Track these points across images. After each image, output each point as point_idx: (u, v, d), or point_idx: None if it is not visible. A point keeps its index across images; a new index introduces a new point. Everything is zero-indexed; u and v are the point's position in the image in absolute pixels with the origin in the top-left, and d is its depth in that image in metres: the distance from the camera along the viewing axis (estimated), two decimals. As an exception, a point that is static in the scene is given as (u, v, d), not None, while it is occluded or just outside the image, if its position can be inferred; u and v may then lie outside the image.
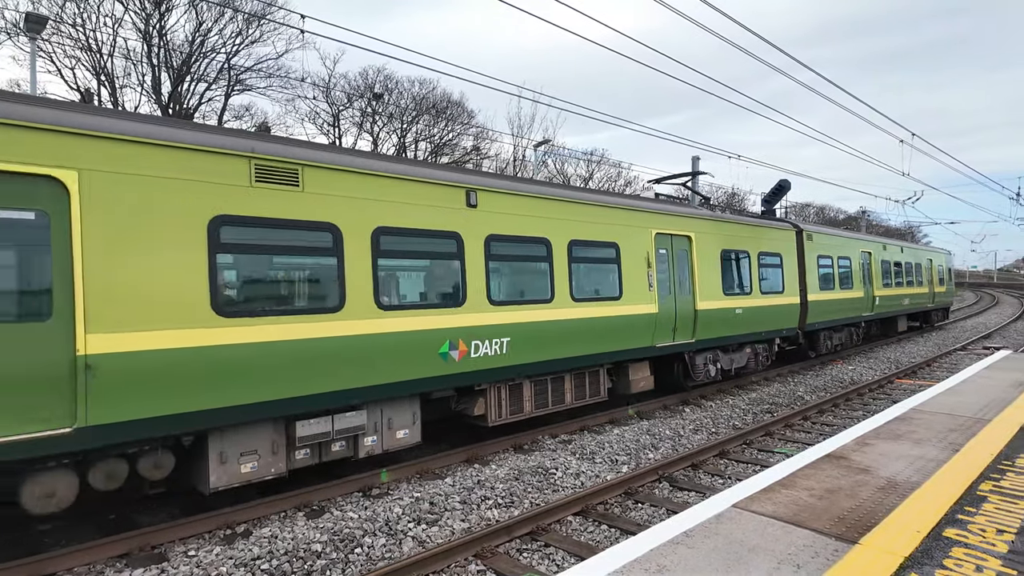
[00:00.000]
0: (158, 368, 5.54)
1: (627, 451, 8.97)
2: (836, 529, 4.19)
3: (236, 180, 6.22)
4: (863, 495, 4.86)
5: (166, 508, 6.84)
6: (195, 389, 5.77)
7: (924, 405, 8.27)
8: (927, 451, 6.06)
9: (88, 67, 25.73)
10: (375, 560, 5.61)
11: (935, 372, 16.40)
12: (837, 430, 10.14)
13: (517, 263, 9.16)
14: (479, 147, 39.09)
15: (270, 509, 6.63)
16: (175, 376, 5.64)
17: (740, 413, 11.62)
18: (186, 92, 28.59)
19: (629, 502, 7.14)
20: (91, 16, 24.91)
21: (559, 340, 9.39)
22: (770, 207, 19.52)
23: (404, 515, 6.49)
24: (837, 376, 15.71)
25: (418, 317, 7.63)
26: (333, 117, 35.55)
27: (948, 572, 3.57)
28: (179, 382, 5.67)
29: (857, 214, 48.66)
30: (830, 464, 5.72)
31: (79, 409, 5.13)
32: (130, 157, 5.56)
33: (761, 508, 4.60)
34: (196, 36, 27.58)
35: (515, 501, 7.00)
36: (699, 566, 3.67)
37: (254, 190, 6.34)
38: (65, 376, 5.08)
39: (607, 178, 43.89)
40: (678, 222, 12.08)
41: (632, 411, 11.34)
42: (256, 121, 31.51)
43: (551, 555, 5.76)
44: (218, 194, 6.08)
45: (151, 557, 5.59)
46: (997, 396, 8.81)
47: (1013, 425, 7.03)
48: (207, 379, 5.85)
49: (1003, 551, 3.84)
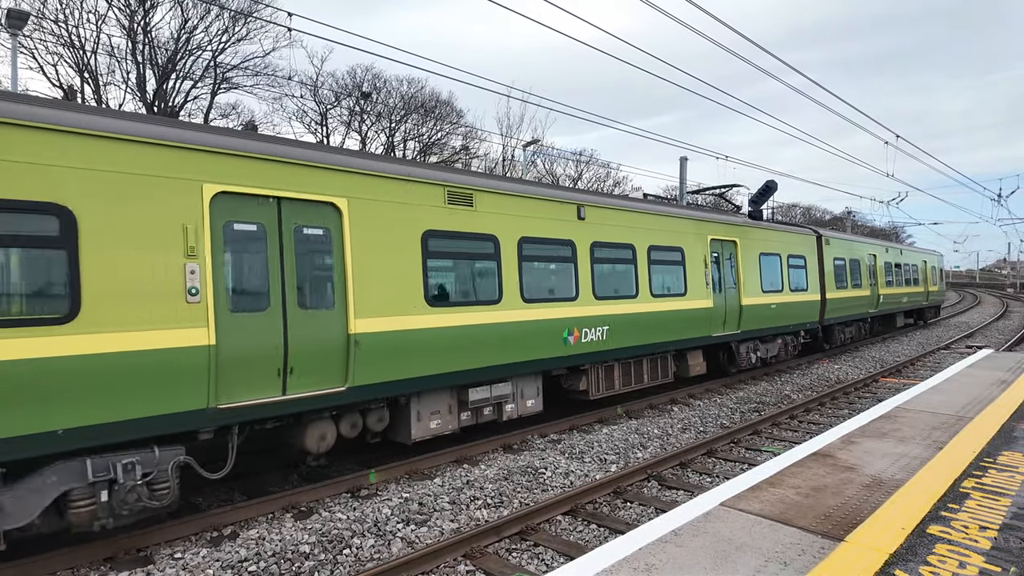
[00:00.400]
0: (394, 344, 7.27)
1: (616, 450, 9.00)
2: (822, 527, 4.23)
3: (437, 203, 7.97)
4: (849, 493, 4.91)
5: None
6: (412, 361, 7.49)
7: (908, 403, 8.38)
8: (911, 449, 6.14)
9: (71, 64, 25.38)
10: (364, 561, 5.58)
11: (919, 371, 16.62)
12: (823, 429, 10.24)
13: (611, 264, 10.81)
14: (468, 147, 39.06)
15: (257, 511, 6.58)
16: (402, 351, 7.37)
17: (728, 412, 11.70)
18: (171, 90, 28.30)
19: (618, 501, 7.16)
20: (74, 12, 24.58)
21: (641, 329, 11.13)
22: (757, 207, 19.65)
23: (393, 516, 6.47)
24: (823, 375, 15.86)
25: (549, 309, 9.39)
26: (321, 116, 35.35)
27: (932, 568, 3.62)
28: (403, 355, 7.39)
29: (843, 214, 49.19)
30: (816, 462, 5.77)
31: (348, 373, 6.81)
32: (377, 187, 7.34)
33: (748, 506, 4.64)
34: (182, 33, 27.29)
35: (504, 501, 7.00)
36: (687, 564, 3.69)
37: (446, 210, 8.08)
38: (343, 348, 6.83)
39: (596, 178, 44.04)
40: (726, 229, 13.90)
41: (620, 410, 11.38)
42: (243, 120, 31.24)
43: (540, 555, 5.77)
44: (427, 213, 7.83)
45: (136, 560, 5.53)
46: (979, 394, 8.94)
47: (995, 423, 7.14)
48: (421, 354, 7.56)
49: (986, 547, 3.90)
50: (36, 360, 4.82)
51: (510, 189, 9.09)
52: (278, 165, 6.46)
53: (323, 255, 6.85)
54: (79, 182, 5.17)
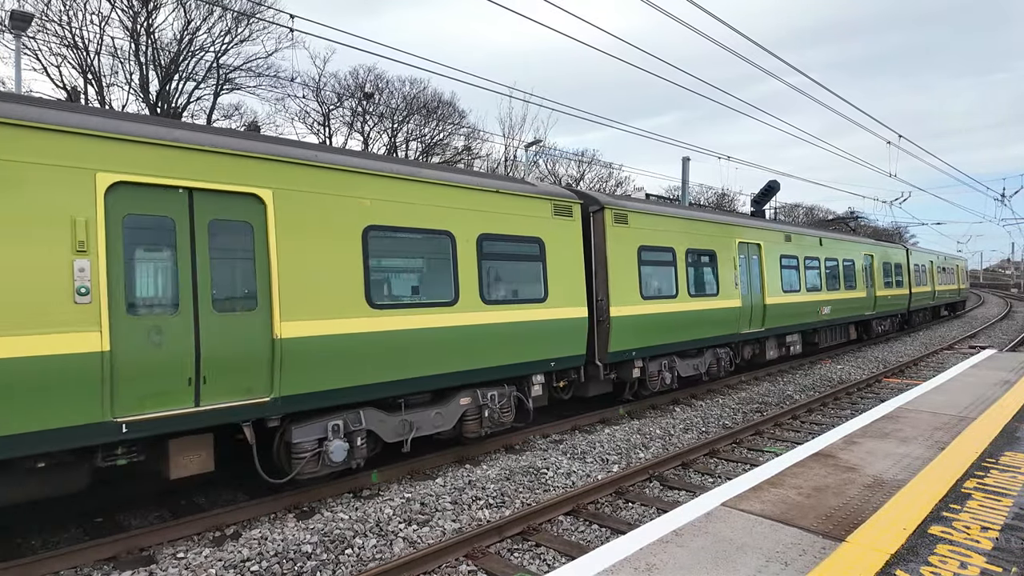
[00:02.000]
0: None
1: (618, 450, 9.00)
2: (823, 527, 4.23)
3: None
4: (850, 493, 4.91)
5: (155, 510, 6.80)
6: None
7: (911, 404, 8.36)
8: (913, 449, 6.13)
9: (74, 65, 25.47)
10: (365, 561, 5.60)
11: (922, 371, 16.58)
12: (825, 429, 10.22)
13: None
14: (470, 147, 39.07)
15: (260, 511, 6.60)
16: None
17: (730, 412, 11.69)
18: (174, 91, 28.37)
19: (620, 501, 7.17)
20: (77, 13, 24.67)
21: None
22: (759, 208, 19.66)
23: (395, 516, 6.48)
24: (826, 375, 15.83)
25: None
26: (323, 116, 35.41)
27: (933, 569, 3.62)
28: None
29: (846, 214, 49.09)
30: (818, 463, 5.77)
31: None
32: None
33: (750, 507, 4.64)
34: (184, 34, 27.37)
35: (506, 501, 7.01)
36: (688, 565, 3.70)
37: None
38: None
39: (598, 179, 44.00)
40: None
41: (623, 411, 11.38)
42: (246, 120, 31.32)
43: (542, 555, 5.77)
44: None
45: (139, 559, 5.55)
46: (982, 394, 8.92)
47: (998, 423, 7.12)
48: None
49: (987, 548, 3.90)
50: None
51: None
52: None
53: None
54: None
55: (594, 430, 10.25)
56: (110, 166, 5.36)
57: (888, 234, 65.59)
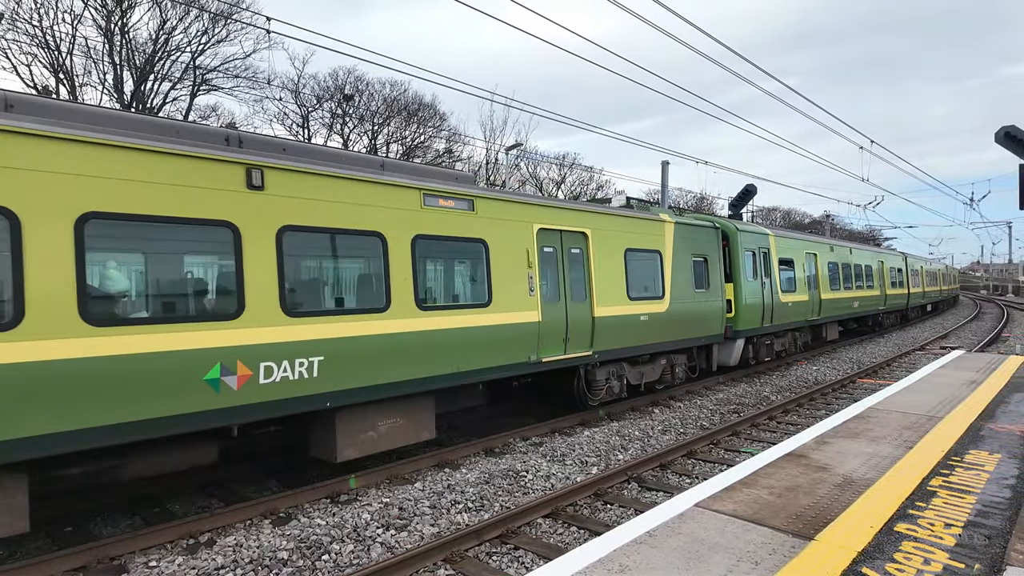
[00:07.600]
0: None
1: (597, 452, 9.06)
2: (793, 526, 4.31)
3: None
4: (820, 492, 5.01)
5: (127, 519, 6.68)
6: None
7: (881, 404, 8.54)
8: (882, 448, 6.27)
9: (45, 64, 24.97)
10: (343, 567, 5.56)
11: (894, 371, 16.93)
12: (800, 429, 10.39)
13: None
14: (451, 150, 39.02)
15: (235, 517, 6.52)
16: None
17: (708, 413, 11.83)
18: (150, 91, 27.93)
19: (598, 503, 7.21)
20: (49, 11, 24.19)
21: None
22: (737, 211, 19.95)
23: (373, 521, 6.45)
24: (802, 376, 16.10)
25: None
26: (302, 119, 35.12)
27: (898, 566, 3.71)
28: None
29: (821, 218, 49.98)
30: (790, 463, 5.87)
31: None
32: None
33: (722, 507, 4.71)
34: (160, 34, 26.99)
35: (485, 504, 7.01)
36: (660, 565, 3.75)
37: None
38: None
39: (579, 182, 44.26)
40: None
41: (602, 413, 11.45)
42: (223, 122, 30.92)
43: (520, 558, 5.79)
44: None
45: (110, 569, 5.45)
46: (950, 394, 9.15)
47: (963, 423, 7.31)
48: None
49: (950, 544, 4.01)
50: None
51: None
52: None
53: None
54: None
55: (574, 432, 10.30)
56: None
57: (863, 237, 66.89)
